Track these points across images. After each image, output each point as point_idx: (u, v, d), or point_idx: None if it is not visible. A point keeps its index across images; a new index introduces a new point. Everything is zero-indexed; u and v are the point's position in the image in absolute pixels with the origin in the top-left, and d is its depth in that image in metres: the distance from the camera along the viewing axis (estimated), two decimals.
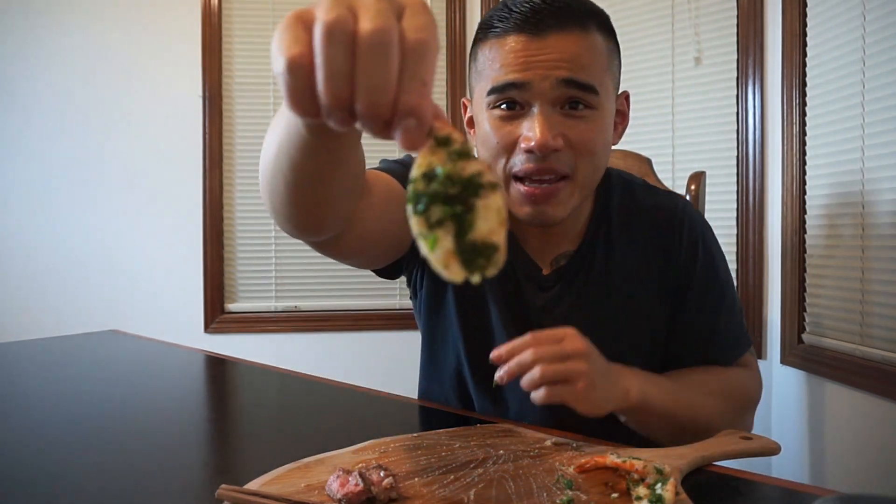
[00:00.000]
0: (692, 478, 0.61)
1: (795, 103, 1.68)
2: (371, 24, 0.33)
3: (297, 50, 0.34)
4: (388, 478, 0.53)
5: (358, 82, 0.33)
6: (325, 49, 0.33)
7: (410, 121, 0.34)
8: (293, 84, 0.34)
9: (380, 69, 0.33)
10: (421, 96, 0.34)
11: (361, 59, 0.33)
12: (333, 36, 0.33)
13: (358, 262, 0.82)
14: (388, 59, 0.33)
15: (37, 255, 2.27)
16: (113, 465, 0.65)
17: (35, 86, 2.26)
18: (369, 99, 0.33)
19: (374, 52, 0.33)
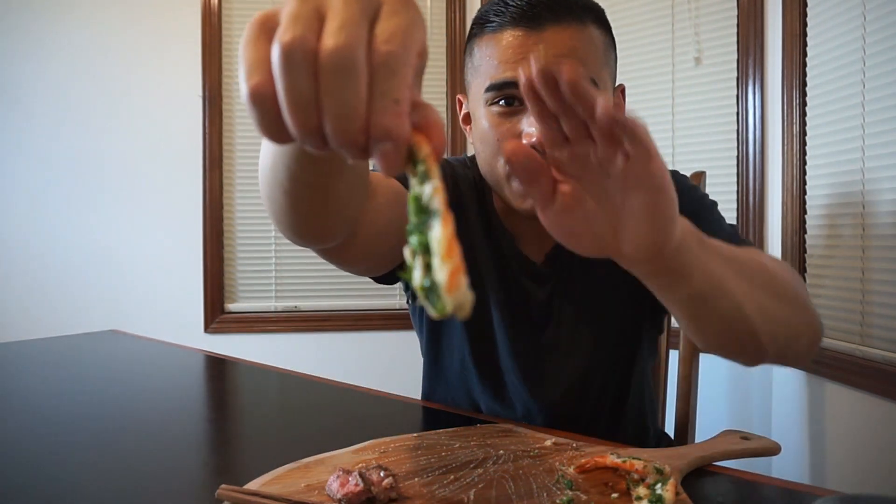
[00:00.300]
0: (692, 478, 0.61)
1: (795, 103, 1.68)
2: (333, 40, 0.30)
3: (258, 78, 0.31)
4: (388, 478, 0.53)
5: (324, 108, 0.30)
6: (285, 77, 0.30)
7: (385, 144, 0.31)
8: (259, 115, 0.32)
9: (345, 93, 0.30)
10: (395, 116, 0.31)
11: (324, 83, 0.30)
12: (292, 61, 0.30)
13: (363, 268, 0.79)
14: (352, 81, 0.30)
15: (37, 255, 2.27)
16: (113, 465, 0.65)
17: (35, 86, 2.26)
18: (338, 126, 0.30)
19: (337, 75, 0.30)
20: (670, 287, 0.54)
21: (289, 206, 0.56)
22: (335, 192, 0.56)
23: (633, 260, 0.50)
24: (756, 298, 0.59)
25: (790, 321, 0.64)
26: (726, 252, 0.58)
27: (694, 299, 0.55)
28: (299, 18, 0.30)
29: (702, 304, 0.56)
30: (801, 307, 0.66)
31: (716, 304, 0.56)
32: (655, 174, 0.46)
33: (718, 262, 0.56)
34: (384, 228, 0.72)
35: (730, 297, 0.56)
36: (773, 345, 0.62)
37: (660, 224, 0.48)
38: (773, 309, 0.61)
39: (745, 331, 0.59)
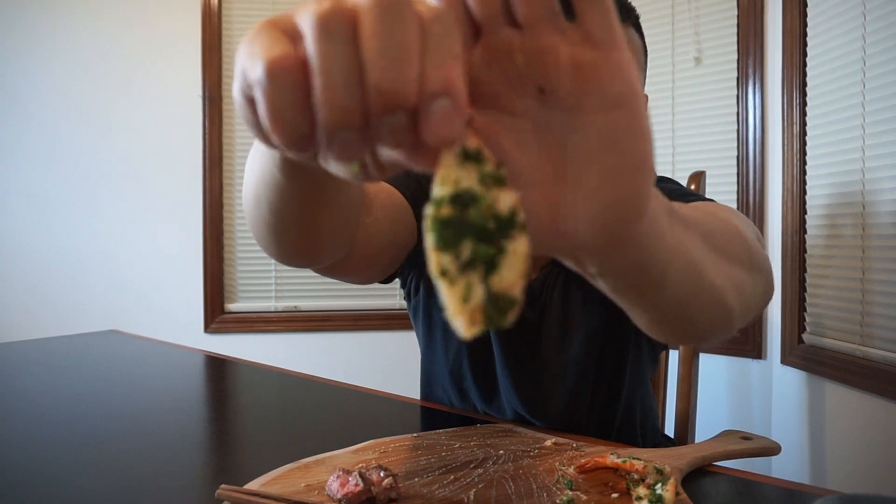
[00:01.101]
0: (692, 478, 0.61)
1: (796, 103, 1.68)
2: None
3: (280, 51, 0.25)
4: (387, 478, 0.53)
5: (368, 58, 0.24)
6: (322, 46, 0.24)
7: (443, 101, 0.25)
8: (276, 97, 0.25)
9: (395, 36, 0.24)
10: (453, 68, 0.25)
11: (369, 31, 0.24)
12: (330, 29, 0.24)
13: (360, 279, 0.76)
14: (403, 24, 0.24)
15: (37, 255, 2.27)
16: (113, 464, 0.65)
17: (35, 86, 2.26)
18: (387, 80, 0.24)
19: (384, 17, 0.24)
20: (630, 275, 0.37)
21: (273, 238, 0.52)
22: (323, 224, 0.51)
23: (581, 247, 0.32)
24: (733, 274, 0.48)
25: (760, 295, 0.55)
26: (698, 223, 0.44)
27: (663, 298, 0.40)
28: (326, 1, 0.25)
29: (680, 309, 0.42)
30: (767, 276, 0.57)
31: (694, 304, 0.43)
32: (624, 75, 0.29)
33: (691, 236, 0.41)
34: (384, 242, 0.70)
35: (706, 289, 0.43)
36: (742, 319, 0.52)
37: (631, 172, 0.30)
38: (748, 283, 0.51)
39: (721, 310, 0.47)
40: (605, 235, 0.31)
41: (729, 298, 0.45)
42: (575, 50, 0.29)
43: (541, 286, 0.85)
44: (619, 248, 0.32)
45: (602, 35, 0.28)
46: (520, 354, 0.86)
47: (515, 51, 0.29)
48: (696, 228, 0.42)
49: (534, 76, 0.29)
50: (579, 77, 0.29)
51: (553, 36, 0.29)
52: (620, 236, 0.31)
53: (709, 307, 0.44)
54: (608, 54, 0.29)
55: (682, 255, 0.38)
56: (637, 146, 0.30)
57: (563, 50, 0.29)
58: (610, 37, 0.28)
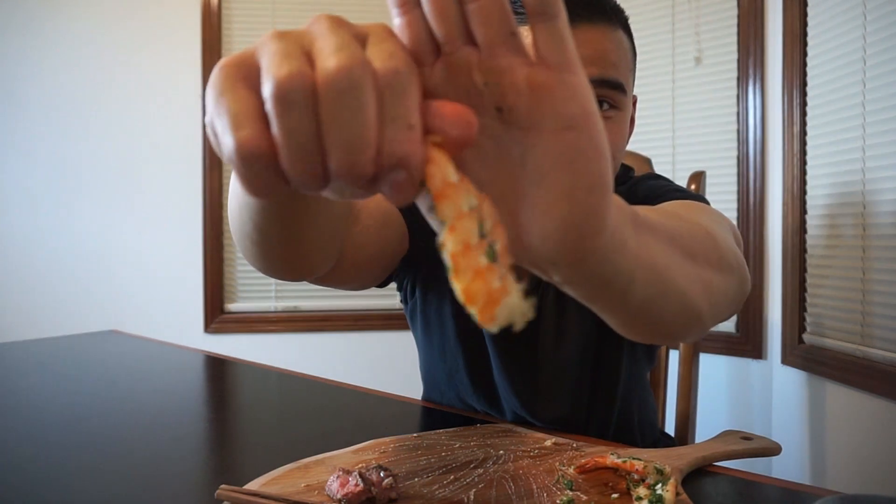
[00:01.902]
0: (692, 478, 0.61)
1: (796, 103, 1.68)
2: (332, 62, 0.26)
3: (248, 130, 0.26)
4: (387, 478, 0.53)
5: (329, 141, 0.26)
6: (284, 119, 0.26)
7: (399, 174, 0.27)
8: (252, 172, 0.27)
9: (353, 120, 0.26)
10: (410, 142, 0.27)
11: (328, 112, 0.26)
12: (290, 98, 0.26)
13: (353, 286, 0.76)
14: (359, 106, 0.26)
15: (37, 255, 2.27)
16: (113, 465, 0.65)
17: (35, 86, 2.26)
18: (346, 159, 0.26)
19: (342, 99, 0.26)
20: (594, 297, 0.38)
21: (259, 255, 0.53)
22: (308, 239, 0.52)
23: (541, 260, 0.33)
24: (702, 278, 0.48)
25: (734, 296, 0.55)
26: (666, 228, 0.44)
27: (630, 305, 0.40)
28: (286, 53, 0.26)
29: (648, 313, 0.42)
30: (741, 276, 0.56)
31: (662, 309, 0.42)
32: (578, 96, 0.30)
33: (657, 243, 0.41)
34: (374, 251, 0.70)
35: (674, 294, 0.42)
36: (714, 320, 0.53)
37: (585, 191, 0.31)
38: (719, 284, 0.51)
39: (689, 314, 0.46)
40: (564, 251, 0.32)
41: (697, 300, 0.46)
42: (530, 71, 0.29)
43: (535, 287, 0.85)
44: (580, 262, 0.33)
45: (556, 57, 0.29)
46: (516, 355, 0.86)
47: (474, 70, 0.30)
48: (661, 233, 0.43)
49: (491, 95, 0.30)
50: (534, 98, 0.30)
51: (510, 57, 0.29)
52: (580, 252, 0.32)
53: (677, 309, 0.44)
54: (562, 76, 0.29)
55: (646, 261, 0.38)
56: (591, 166, 0.30)
57: (520, 71, 0.30)
58: (564, 59, 0.29)
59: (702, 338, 0.56)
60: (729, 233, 0.61)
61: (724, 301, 0.52)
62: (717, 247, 0.53)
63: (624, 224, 0.35)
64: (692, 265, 0.46)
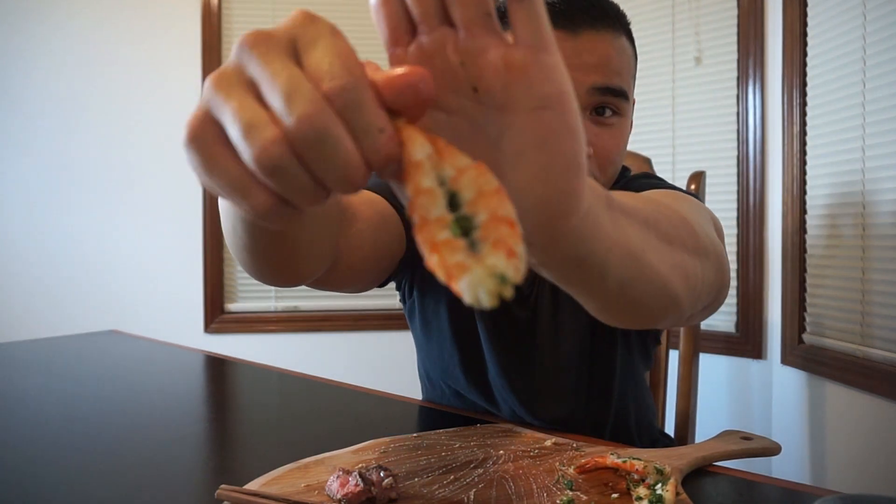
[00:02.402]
0: (692, 478, 0.61)
1: (796, 103, 1.68)
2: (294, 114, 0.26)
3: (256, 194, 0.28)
4: (387, 478, 0.53)
5: (321, 175, 0.27)
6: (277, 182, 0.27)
7: (392, 167, 0.29)
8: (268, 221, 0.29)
9: (334, 154, 0.27)
10: (387, 144, 0.28)
11: (308, 158, 0.27)
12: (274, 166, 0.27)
13: (350, 289, 0.76)
14: (334, 140, 0.27)
15: (37, 255, 2.27)
16: (112, 464, 0.65)
17: (36, 87, 2.26)
18: (341, 182, 0.28)
19: (317, 144, 0.26)
20: (570, 280, 0.39)
21: (255, 265, 0.54)
22: (302, 246, 0.53)
23: None
24: (680, 263, 0.47)
25: (713, 283, 0.55)
26: (643, 214, 0.44)
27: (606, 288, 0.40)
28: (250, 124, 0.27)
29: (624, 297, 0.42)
30: (721, 265, 0.57)
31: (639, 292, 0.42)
32: (555, 78, 0.30)
33: (633, 228, 0.41)
34: (369, 253, 0.70)
35: (650, 277, 0.42)
36: (693, 307, 0.53)
37: (560, 170, 0.31)
38: (697, 272, 0.51)
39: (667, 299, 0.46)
40: (539, 231, 0.32)
41: (674, 283, 0.46)
42: (506, 51, 0.30)
43: (530, 286, 0.85)
44: (554, 242, 0.33)
45: (531, 37, 0.30)
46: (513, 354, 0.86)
47: (451, 50, 0.30)
48: (636, 216, 0.43)
49: (468, 75, 0.31)
50: (509, 77, 0.30)
51: (487, 37, 0.30)
52: (554, 232, 0.32)
53: (653, 293, 0.44)
54: (537, 56, 0.30)
55: (622, 244, 0.38)
56: (566, 146, 0.31)
57: (496, 51, 0.30)
58: (539, 39, 0.30)
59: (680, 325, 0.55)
60: (709, 222, 0.61)
61: (701, 287, 0.52)
62: (693, 232, 0.53)
63: (598, 206, 0.36)
64: (668, 249, 0.46)
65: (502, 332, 0.86)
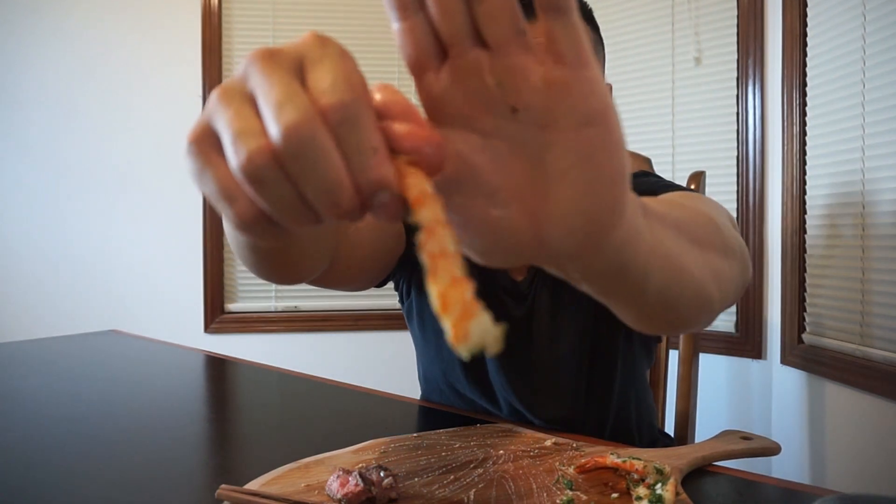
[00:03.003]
0: (692, 478, 0.61)
1: (796, 103, 1.68)
2: (281, 123, 0.26)
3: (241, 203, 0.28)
4: (388, 478, 0.53)
5: (306, 192, 0.27)
6: (261, 193, 0.27)
7: (383, 195, 0.27)
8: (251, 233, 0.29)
9: (320, 168, 0.26)
10: (379, 166, 0.27)
11: (294, 170, 0.27)
12: (259, 176, 0.27)
13: (350, 287, 0.78)
14: (320, 154, 0.26)
15: (37, 255, 2.27)
16: (112, 465, 0.65)
17: (36, 87, 2.26)
18: (328, 202, 0.27)
19: (303, 155, 0.26)
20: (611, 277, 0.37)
21: (257, 264, 0.55)
22: (304, 247, 0.54)
23: (561, 255, 0.32)
24: (710, 264, 0.48)
25: (738, 278, 0.55)
26: (673, 218, 0.44)
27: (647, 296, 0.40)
28: (241, 130, 0.27)
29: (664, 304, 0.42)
30: (744, 260, 0.57)
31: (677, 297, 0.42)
32: (595, 92, 0.29)
33: (667, 232, 0.41)
34: (367, 253, 0.71)
35: (687, 281, 0.43)
36: (722, 305, 0.52)
37: (606, 185, 0.30)
38: (725, 270, 0.51)
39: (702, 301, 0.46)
40: (585, 245, 0.32)
41: (708, 286, 0.46)
42: (545, 69, 0.29)
43: (528, 285, 0.86)
44: (599, 254, 0.33)
45: (571, 53, 0.29)
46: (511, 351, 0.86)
47: (485, 71, 0.29)
48: (669, 222, 0.42)
49: (505, 96, 0.30)
50: (551, 96, 0.29)
51: (522, 55, 0.29)
52: (599, 244, 0.32)
53: (691, 298, 0.44)
54: (578, 72, 0.29)
55: (660, 251, 0.38)
56: (611, 160, 0.30)
57: (534, 69, 0.29)
58: (579, 54, 0.29)
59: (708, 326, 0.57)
60: (727, 219, 0.61)
61: (731, 286, 0.52)
62: (720, 232, 0.53)
63: (637, 215, 0.35)
64: (700, 251, 0.46)
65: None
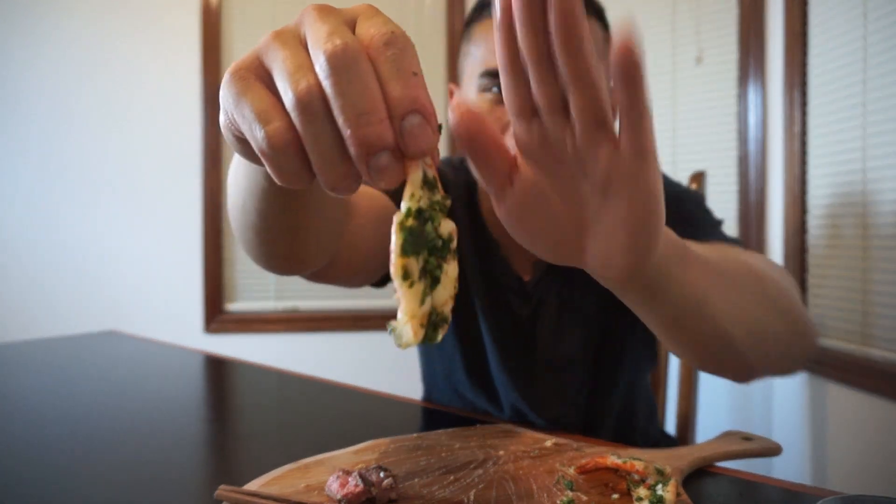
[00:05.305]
0: (693, 478, 0.61)
1: (796, 102, 1.67)
2: (327, 48, 0.28)
3: (278, 124, 0.29)
4: (388, 478, 0.53)
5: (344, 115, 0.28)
6: (308, 126, 0.29)
7: (413, 117, 0.29)
8: (280, 161, 0.30)
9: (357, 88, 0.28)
10: (416, 87, 0.29)
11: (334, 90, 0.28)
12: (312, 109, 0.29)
13: (351, 283, 0.78)
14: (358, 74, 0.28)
15: (37, 255, 2.26)
16: (112, 465, 0.65)
17: (35, 86, 2.26)
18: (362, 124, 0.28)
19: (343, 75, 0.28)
20: (642, 305, 0.45)
21: (261, 245, 0.54)
22: (310, 229, 0.54)
23: (599, 275, 0.42)
24: (745, 316, 0.52)
25: (783, 336, 0.58)
26: (714, 264, 0.50)
27: (670, 318, 0.47)
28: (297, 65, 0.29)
29: (680, 325, 0.48)
30: (794, 318, 0.59)
31: (696, 324, 0.48)
32: (649, 179, 0.35)
33: (703, 278, 0.47)
34: (369, 246, 0.70)
35: (712, 318, 0.48)
36: (762, 362, 0.57)
37: (640, 241, 0.37)
38: (765, 324, 0.55)
39: (729, 351, 0.52)
40: (615, 271, 0.39)
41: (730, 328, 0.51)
42: (614, 156, 0.35)
43: (534, 286, 0.86)
44: (624, 279, 0.41)
45: (637, 147, 0.34)
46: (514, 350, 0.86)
47: (567, 137, 0.35)
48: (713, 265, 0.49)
49: (579, 162, 0.36)
50: (616, 175, 0.35)
51: (599, 137, 0.34)
52: (628, 273, 0.40)
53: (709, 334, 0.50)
54: (640, 166, 0.35)
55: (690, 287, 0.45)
56: (650, 220, 0.37)
57: (606, 151, 0.35)
58: (643, 149, 0.34)
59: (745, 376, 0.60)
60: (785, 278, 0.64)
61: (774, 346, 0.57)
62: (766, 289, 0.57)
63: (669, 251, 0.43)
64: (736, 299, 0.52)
65: (504, 327, 0.86)
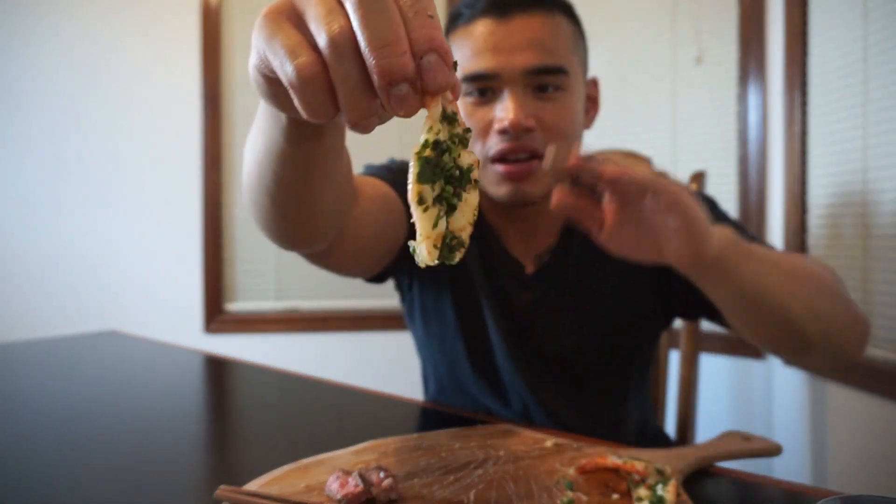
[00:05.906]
0: (693, 479, 0.61)
1: (797, 102, 1.67)
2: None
3: (306, 57, 0.32)
4: (387, 479, 0.53)
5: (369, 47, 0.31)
6: (338, 66, 0.31)
7: (431, 56, 0.32)
8: (306, 94, 0.32)
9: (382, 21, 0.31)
10: (433, 28, 0.32)
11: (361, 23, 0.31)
12: (342, 50, 0.31)
13: (352, 271, 0.80)
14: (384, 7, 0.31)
15: (37, 255, 2.26)
16: (112, 465, 0.65)
17: (35, 87, 2.26)
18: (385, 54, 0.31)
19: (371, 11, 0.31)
20: (715, 287, 0.64)
21: (275, 212, 0.56)
22: (321, 195, 0.56)
23: (677, 266, 0.62)
24: (803, 298, 0.66)
25: (839, 318, 0.70)
26: (771, 256, 0.67)
27: (739, 298, 0.64)
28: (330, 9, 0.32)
29: (744, 305, 0.65)
30: (846, 304, 0.71)
31: (761, 302, 0.64)
32: (679, 201, 0.58)
33: (762, 266, 0.64)
34: (372, 232, 0.73)
35: (775, 296, 0.64)
36: (822, 341, 0.68)
37: (692, 239, 0.59)
38: (822, 307, 0.68)
39: (790, 327, 0.66)
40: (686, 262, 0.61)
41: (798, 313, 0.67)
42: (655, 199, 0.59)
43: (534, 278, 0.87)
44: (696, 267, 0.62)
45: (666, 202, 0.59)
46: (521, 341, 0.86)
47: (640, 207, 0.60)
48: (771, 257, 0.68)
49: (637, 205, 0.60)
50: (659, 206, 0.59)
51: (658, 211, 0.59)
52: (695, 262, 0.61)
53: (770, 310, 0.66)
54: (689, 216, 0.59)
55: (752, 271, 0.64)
56: (696, 227, 0.60)
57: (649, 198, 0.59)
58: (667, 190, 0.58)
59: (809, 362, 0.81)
60: (837, 278, 0.75)
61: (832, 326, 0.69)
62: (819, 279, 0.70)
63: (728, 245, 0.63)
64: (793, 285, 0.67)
65: (507, 314, 0.87)
